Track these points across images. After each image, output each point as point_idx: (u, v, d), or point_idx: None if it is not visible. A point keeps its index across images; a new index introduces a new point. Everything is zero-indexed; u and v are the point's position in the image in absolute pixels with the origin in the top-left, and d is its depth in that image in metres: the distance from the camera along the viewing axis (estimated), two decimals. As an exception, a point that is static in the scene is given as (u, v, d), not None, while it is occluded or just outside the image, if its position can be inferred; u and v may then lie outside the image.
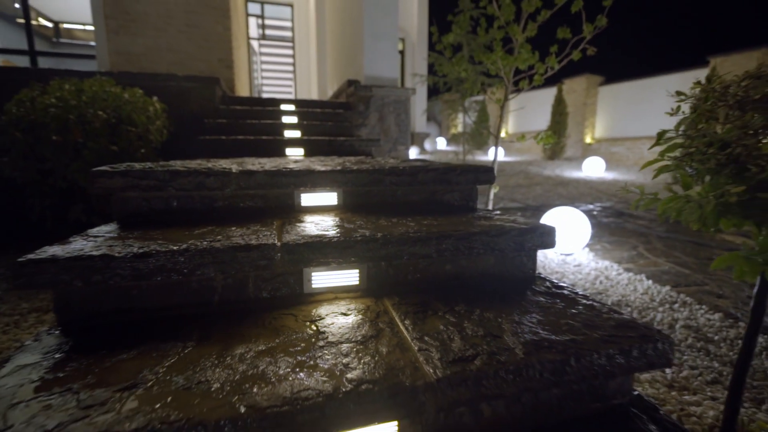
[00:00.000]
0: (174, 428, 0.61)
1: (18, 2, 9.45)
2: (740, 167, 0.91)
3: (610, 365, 0.83)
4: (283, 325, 0.93)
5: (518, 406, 0.84)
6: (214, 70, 5.12)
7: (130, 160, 2.64)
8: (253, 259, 1.00)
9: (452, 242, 1.13)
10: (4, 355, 1.59)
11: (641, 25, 39.91)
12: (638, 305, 2.30)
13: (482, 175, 1.56)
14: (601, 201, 5.40)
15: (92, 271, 0.89)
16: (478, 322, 0.94)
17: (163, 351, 0.82)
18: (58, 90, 2.55)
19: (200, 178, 1.30)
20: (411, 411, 0.72)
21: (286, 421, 0.65)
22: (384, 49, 4.04)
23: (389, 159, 2.15)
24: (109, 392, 0.68)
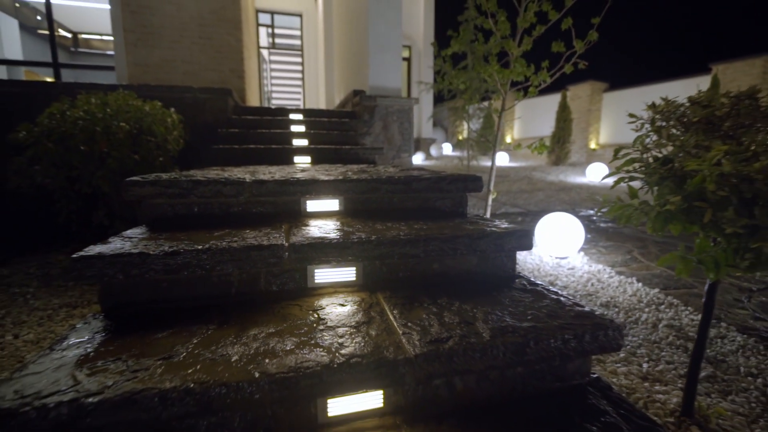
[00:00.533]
0: (203, 387, 0.77)
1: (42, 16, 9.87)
2: (679, 180, 1.05)
3: (565, 348, 0.98)
4: (289, 313, 1.10)
5: (487, 382, 0.99)
6: (226, 80, 5.35)
7: (149, 168, 2.85)
8: (265, 258, 1.16)
9: (438, 244, 1.29)
10: (42, 344, 1.78)
11: (645, 32, 39.93)
12: (625, 306, 2.42)
13: (471, 184, 1.71)
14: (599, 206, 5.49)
15: (131, 266, 1.07)
16: (456, 312, 1.09)
17: (190, 332, 0.99)
18: (86, 104, 2.77)
19: (218, 187, 1.48)
20: (393, 381, 0.88)
21: (292, 384, 0.81)
22: (388, 60, 4.23)
23: (389, 168, 2.32)
24: (151, 361, 0.85)
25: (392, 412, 0.93)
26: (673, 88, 7.78)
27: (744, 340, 2.06)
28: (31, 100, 3.40)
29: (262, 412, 0.85)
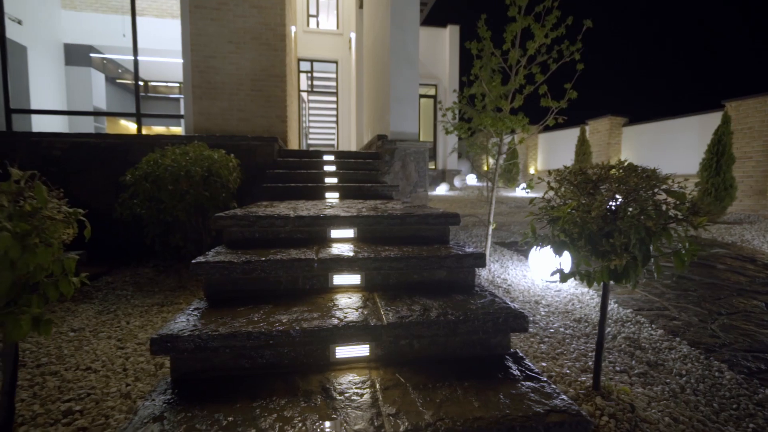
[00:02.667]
0: (268, 331, 1.43)
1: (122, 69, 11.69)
2: (577, 224, 1.63)
3: (484, 326, 1.56)
4: (316, 300, 1.75)
5: (435, 345, 1.58)
6: (272, 124, 6.32)
7: (215, 202, 3.67)
8: (302, 267, 1.84)
9: (417, 261, 1.91)
10: (146, 328, 2.52)
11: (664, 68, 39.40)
12: (595, 321, 2.86)
13: (451, 219, 2.33)
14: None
15: (223, 269, 1.77)
16: (421, 304, 1.70)
17: (258, 308, 1.66)
18: (172, 153, 3.68)
19: (272, 220, 2.19)
20: (374, 338, 1.50)
21: (315, 335, 1.45)
22: (407, 110, 4.99)
23: (396, 205, 2.98)
24: (238, 322, 1.52)
25: (374, 359, 1.54)
26: (688, 123, 8.03)
27: (689, 351, 2.46)
28: (129, 148, 4.41)
29: (300, 350, 1.49)
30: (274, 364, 1.48)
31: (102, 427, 1.49)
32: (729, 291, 3.57)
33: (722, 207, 6.49)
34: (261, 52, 6.31)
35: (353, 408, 1.25)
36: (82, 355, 2.14)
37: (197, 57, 6.13)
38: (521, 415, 1.21)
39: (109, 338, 2.37)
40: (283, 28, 6.37)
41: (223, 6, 6.15)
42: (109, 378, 1.88)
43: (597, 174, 1.66)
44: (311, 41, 11.41)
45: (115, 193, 4.10)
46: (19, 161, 4.16)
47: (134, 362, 2.05)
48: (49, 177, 4.02)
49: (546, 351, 2.36)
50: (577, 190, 1.66)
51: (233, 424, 1.17)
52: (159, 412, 1.22)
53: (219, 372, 1.44)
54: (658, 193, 1.56)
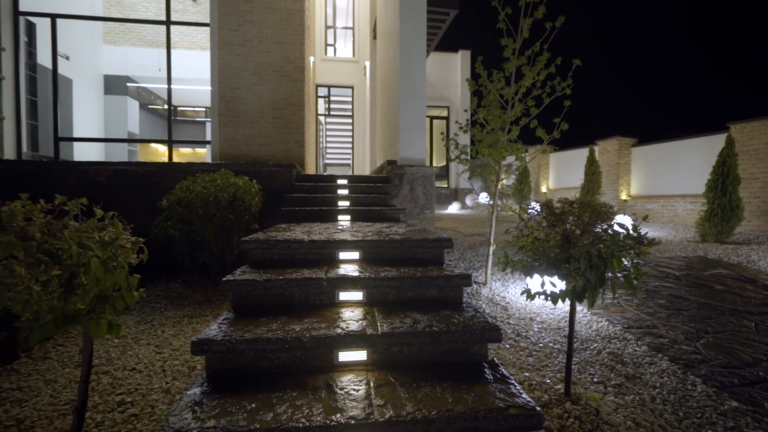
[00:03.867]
0: (283, 337, 1.76)
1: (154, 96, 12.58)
2: (539, 251, 1.92)
3: (463, 337, 1.85)
4: (324, 313, 2.08)
5: (422, 353, 1.88)
6: (290, 149, 6.80)
7: (239, 224, 4.09)
8: (313, 285, 2.18)
9: (411, 281, 2.23)
10: (179, 336, 2.89)
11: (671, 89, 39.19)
12: (584, 337, 3.08)
13: (445, 243, 2.65)
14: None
15: (248, 285, 2.13)
16: (412, 317, 2.01)
17: (276, 318, 2.00)
18: (203, 181, 4.13)
19: (289, 244, 2.56)
20: (370, 345, 1.81)
21: (322, 342, 1.78)
22: (415, 138, 5.37)
23: (400, 229, 3.30)
24: (260, 330, 1.86)
25: (371, 363, 1.85)
26: (695, 144, 8.14)
27: (669, 366, 2.66)
28: (164, 175, 4.91)
29: (309, 354, 1.82)
30: (288, 365, 1.80)
31: (150, 414, 1.84)
32: (722, 311, 3.71)
33: (729, 227, 6.55)
34: (281, 83, 6.85)
35: (350, 400, 1.56)
36: (127, 359, 2.52)
37: (224, 88, 6.71)
38: (485, 408, 1.49)
39: (148, 344, 2.75)
40: (302, 61, 6.91)
41: (248, 42, 6.75)
42: (152, 377, 2.25)
43: (560, 209, 1.96)
44: (329, 68, 12.06)
45: (150, 214, 4.57)
46: (69, 186, 4.71)
47: (171, 365, 2.41)
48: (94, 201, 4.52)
49: (532, 363, 2.60)
50: (544, 221, 1.96)
51: (255, 409, 1.49)
52: (198, 398, 1.56)
53: (244, 370, 1.78)
54: (611, 225, 1.84)
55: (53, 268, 1.26)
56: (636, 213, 9.42)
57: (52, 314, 1.32)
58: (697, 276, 4.93)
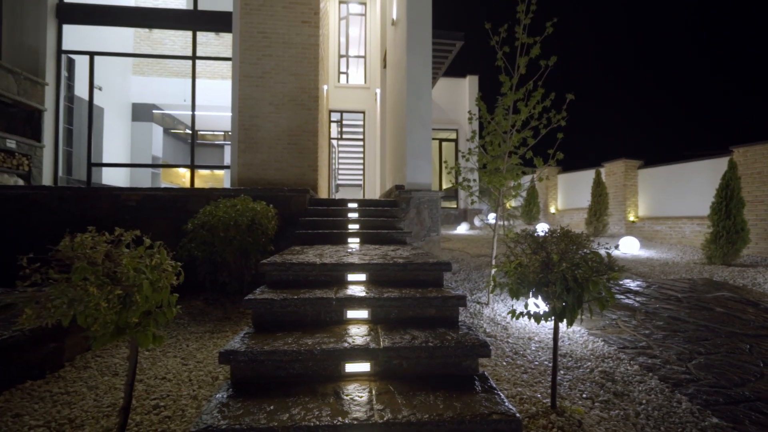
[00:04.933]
0: (297, 350, 2.03)
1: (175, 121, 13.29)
2: (522, 275, 2.16)
3: (456, 352, 2.09)
4: (333, 329, 2.34)
5: (419, 365, 2.12)
6: (304, 173, 7.18)
7: (257, 246, 4.41)
8: (323, 304, 2.45)
9: (411, 301, 2.48)
10: (202, 350, 3.17)
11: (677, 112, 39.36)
12: (579, 356, 3.25)
13: (444, 266, 2.90)
14: (619, 278, 6.07)
15: (266, 304, 2.42)
16: (411, 334, 2.25)
17: (291, 334, 2.27)
18: (224, 206, 4.49)
19: (302, 266, 2.85)
20: (373, 358, 2.07)
21: (331, 354, 2.04)
22: (421, 164, 5.69)
23: (404, 251, 3.57)
24: (277, 343, 2.14)
25: (373, 374, 2.09)
26: (700, 166, 8.27)
27: (657, 384, 2.82)
28: (188, 199, 5.32)
29: (320, 365, 2.07)
30: (301, 374, 2.06)
31: (181, 416, 2.11)
32: (718, 333, 3.82)
33: (735, 250, 6.60)
34: (296, 112, 7.30)
35: (354, 405, 1.80)
36: (157, 369, 2.80)
37: (243, 117, 7.19)
38: (471, 414, 1.72)
39: (175, 357, 3.03)
40: (316, 90, 7.38)
41: (266, 75, 7.26)
42: (180, 385, 2.52)
43: (542, 237, 2.21)
44: (341, 95, 12.64)
45: (175, 236, 4.94)
46: (103, 210, 5.13)
47: (196, 375, 2.68)
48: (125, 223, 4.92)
49: (526, 379, 2.78)
50: (528, 249, 2.21)
51: (273, 410, 1.75)
52: (225, 401, 1.83)
53: (263, 378, 2.04)
54: (587, 253, 2.08)
55: (116, 288, 1.57)
56: (644, 234, 9.48)
57: (112, 326, 1.62)
58: (699, 298, 5.02)
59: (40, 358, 2.60)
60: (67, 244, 1.65)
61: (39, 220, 5.00)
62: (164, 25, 8.06)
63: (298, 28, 7.35)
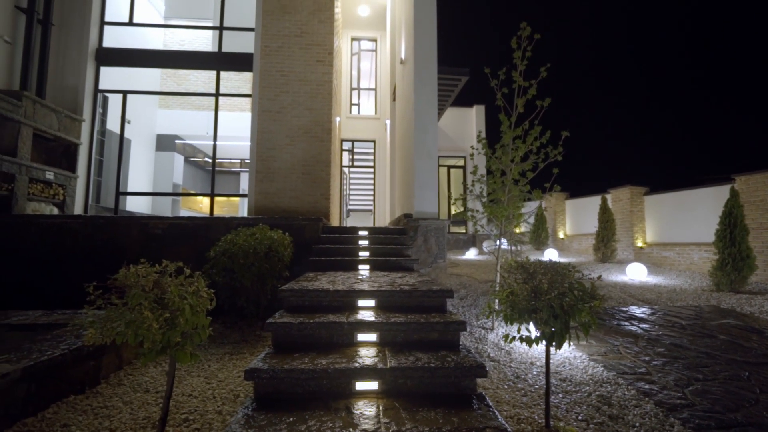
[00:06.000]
0: (313, 369, 2.28)
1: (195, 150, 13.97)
2: (514, 303, 2.40)
3: (455, 373, 2.31)
4: (344, 351, 2.59)
5: (422, 385, 2.34)
6: (317, 201, 7.55)
7: (273, 272, 4.71)
8: (336, 327, 2.71)
9: (416, 325, 2.72)
10: (223, 370, 3.42)
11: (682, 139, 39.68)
12: (578, 381, 3.39)
13: (446, 293, 3.14)
14: (625, 305, 6.16)
15: (285, 327, 2.69)
16: (415, 356, 2.49)
17: (307, 354, 2.52)
18: (244, 234, 4.84)
19: (317, 293, 3.12)
20: (381, 377, 2.30)
21: (343, 374, 2.28)
22: (428, 194, 6.00)
23: (411, 279, 3.82)
24: (295, 362, 2.39)
25: (381, 392, 2.32)
26: (705, 193, 8.40)
27: (653, 408, 2.95)
28: (210, 227, 5.69)
29: (333, 383, 2.32)
30: (316, 391, 2.31)
31: (209, 428, 2.35)
32: (719, 360, 3.92)
33: (742, 277, 6.65)
34: (311, 143, 7.76)
35: (364, 418, 2.03)
36: (183, 387, 3.06)
37: (261, 149, 7.67)
38: (467, 427, 1.94)
39: (199, 376, 3.29)
40: (329, 123, 7.86)
41: (283, 110, 7.78)
42: (206, 402, 2.77)
43: (533, 267, 2.45)
44: (353, 125, 13.22)
45: (197, 262, 5.28)
46: (133, 237, 5.53)
47: (219, 393, 2.93)
48: (152, 250, 5.32)
49: (526, 402, 2.95)
50: (520, 277, 2.46)
51: (293, 422, 1.99)
52: (250, 413, 2.08)
53: (282, 394, 2.29)
54: (573, 283, 2.31)
55: (165, 312, 1.88)
56: (653, 260, 9.51)
57: (159, 345, 1.92)
58: (704, 326, 5.10)
59: (82, 375, 2.89)
60: (123, 273, 1.97)
61: (74, 246, 5.42)
62: (192, 66, 8.76)
63: (313, 66, 7.92)
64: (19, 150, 6.41)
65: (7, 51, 7.31)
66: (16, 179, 6.34)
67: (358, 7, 12.19)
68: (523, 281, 2.41)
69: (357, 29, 13.43)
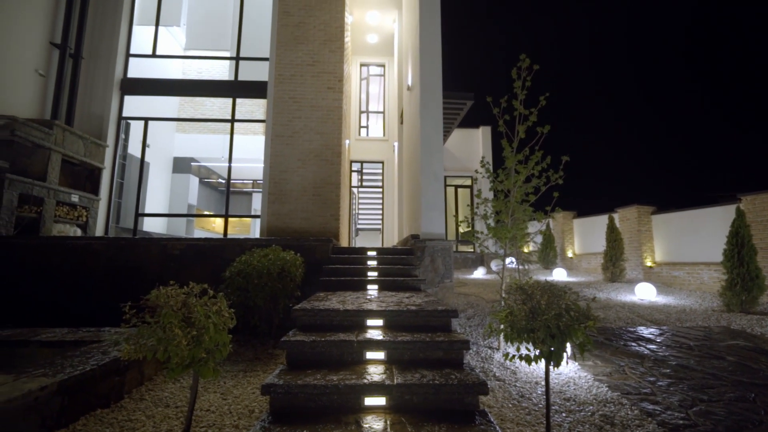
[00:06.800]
0: (325, 384, 2.44)
1: (209, 172, 14.43)
2: (513, 323, 2.55)
3: (458, 390, 2.45)
4: (354, 368, 2.74)
5: (427, 401, 2.47)
6: (327, 221, 7.78)
7: (285, 291, 4.89)
8: (346, 345, 2.87)
9: (421, 344, 2.87)
10: (238, 386, 3.58)
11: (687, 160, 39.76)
12: (582, 401, 3.46)
13: (451, 313, 3.29)
14: (633, 325, 6.17)
15: (298, 345, 2.86)
16: (421, 373, 2.63)
17: (319, 371, 2.68)
18: (258, 255, 5.06)
19: (328, 312, 3.30)
20: (388, 393, 2.45)
21: (353, 390, 2.44)
22: (434, 216, 6.19)
23: (418, 299, 3.98)
24: (308, 378, 2.55)
25: (388, 407, 2.46)
26: (712, 213, 8.43)
27: (655, 428, 3.01)
28: (224, 248, 5.94)
29: (343, 398, 2.47)
30: (327, 406, 2.46)
31: (227, 441, 2.51)
32: (725, 382, 3.94)
33: (753, 297, 6.62)
34: (321, 166, 8.05)
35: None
36: (201, 402, 3.22)
37: (274, 171, 7.98)
38: (468, 441, 2.06)
39: (215, 392, 3.45)
40: (339, 147, 8.17)
41: (295, 134, 8.12)
42: (223, 416, 2.93)
43: (531, 289, 2.60)
44: (362, 147, 13.60)
45: (212, 281, 5.49)
46: (152, 257, 5.80)
47: (235, 408, 3.08)
48: (170, 269, 5.57)
49: (529, 420, 3.04)
50: (518, 298, 2.61)
51: (306, 434, 2.15)
52: (267, 426, 2.24)
53: (297, 408, 2.45)
54: (568, 303, 2.46)
55: (193, 330, 2.08)
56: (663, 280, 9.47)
57: (187, 360, 2.11)
58: (712, 347, 5.10)
59: (108, 390, 3.08)
60: (155, 294, 2.19)
61: (96, 266, 5.70)
62: (210, 93, 9.24)
63: (324, 93, 8.31)
64: (49, 175, 6.81)
65: (41, 83, 7.85)
66: (45, 202, 6.72)
67: (366, 35, 12.74)
68: (521, 302, 2.56)
69: (366, 55, 13.97)
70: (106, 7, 8.93)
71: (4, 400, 2.07)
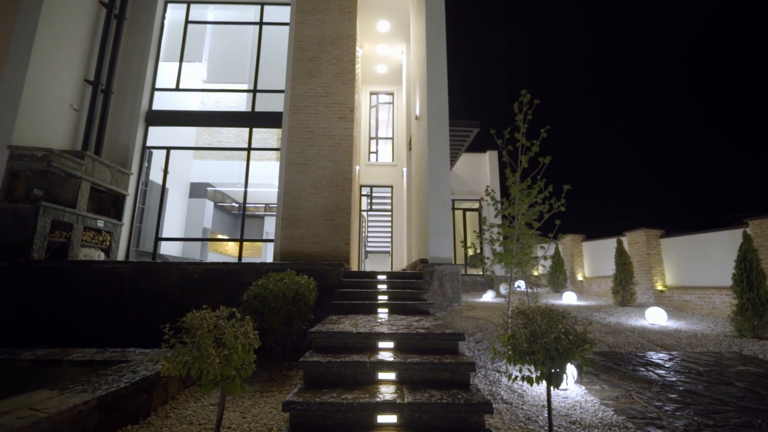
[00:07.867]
0: (339, 404, 2.63)
1: (223, 196, 14.91)
2: (514, 346, 2.73)
3: (464, 408, 2.62)
4: (367, 388, 2.93)
5: (436, 419, 2.64)
6: (338, 245, 8.03)
7: (299, 314, 5.11)
8: (359, 367, 3.06)
9: (429, 365, 3.05)
10: (255, 406, 3.75)
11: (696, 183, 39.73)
12: (587, 424, 3.55)
13: (458, 336, 3.47)
14: (642, 350, 6.19)
15: (315, 365, 3.06)
16: (429, 393, 2.80)
17: (334, 389, 2.87)
18: (273, 280, 5.31)
19: (341, 335, 3.50)
20: (398, 411, 2.63)
21: (366, 408, 2.62)
22: (442, 241, 6.41)
23: (426, 322, 4.16)
24: (324, 397, 2.75)
25: (399, 425, 2.63)
26: (720, 237, 8.48)
27: None
28: (241, 272, 6.21)
29: (357, 416, 2.65)
30: (342, 423, 2.64)
31: (249, 456, 2.69)
32: (733, 407, 3.99)
33: (764, 322, 6.61)
34: (332, 192, 8.37)
35: (384, 447, 2.35)
36: (222, 421, 3.41)
37: (287, 197, 8.33)
38: (474, 457, 2.23)
39: (234, 411, 3.64)
40: (350, 173, 8.51)
41: (308, 162, 8.50)
42: (243, 434, 3.11)
43: (531, 313, 2.79)
44: (371, 172, 14.00)
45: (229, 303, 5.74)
46: (173, 280, 6.09)
47: (254, 426, 3.26)
48: (190, 292, 5.85)
49: (535, 442, 3.15)
50: (520, 322, 2.79)
51: (324, 449, 2.33)
52: (287, 441, 2.43)
53: (313, 425, 2.63)
54: (566, 327, 2.64)
55: (224, 350, 2.31)
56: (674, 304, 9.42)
57: (218, 377, 2.34)
58: (721, 372, 5.13)
59: (137, 407, 3.30)
60: (190, 317, 2.44)
61: (120, 289, 6.01)
62: (228, 124, 9.79)
63: (336, 122, 8.73)
64: (78, 202, 7.26)
65: (74, 117, 8.45)
66: (74, 228, 7.14)
67: (376, 66, 13.37)
68: (522, 325, 2.75)
69: (375, 84, 14.59)
70: (135, 45, 9.65)
71: (55, 412, 2.31)
